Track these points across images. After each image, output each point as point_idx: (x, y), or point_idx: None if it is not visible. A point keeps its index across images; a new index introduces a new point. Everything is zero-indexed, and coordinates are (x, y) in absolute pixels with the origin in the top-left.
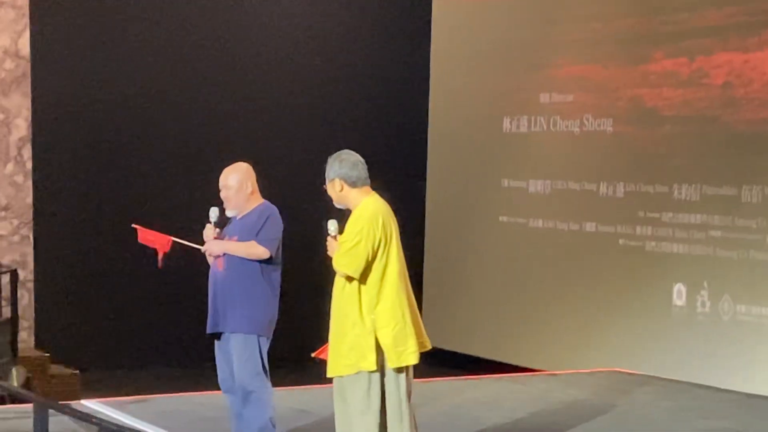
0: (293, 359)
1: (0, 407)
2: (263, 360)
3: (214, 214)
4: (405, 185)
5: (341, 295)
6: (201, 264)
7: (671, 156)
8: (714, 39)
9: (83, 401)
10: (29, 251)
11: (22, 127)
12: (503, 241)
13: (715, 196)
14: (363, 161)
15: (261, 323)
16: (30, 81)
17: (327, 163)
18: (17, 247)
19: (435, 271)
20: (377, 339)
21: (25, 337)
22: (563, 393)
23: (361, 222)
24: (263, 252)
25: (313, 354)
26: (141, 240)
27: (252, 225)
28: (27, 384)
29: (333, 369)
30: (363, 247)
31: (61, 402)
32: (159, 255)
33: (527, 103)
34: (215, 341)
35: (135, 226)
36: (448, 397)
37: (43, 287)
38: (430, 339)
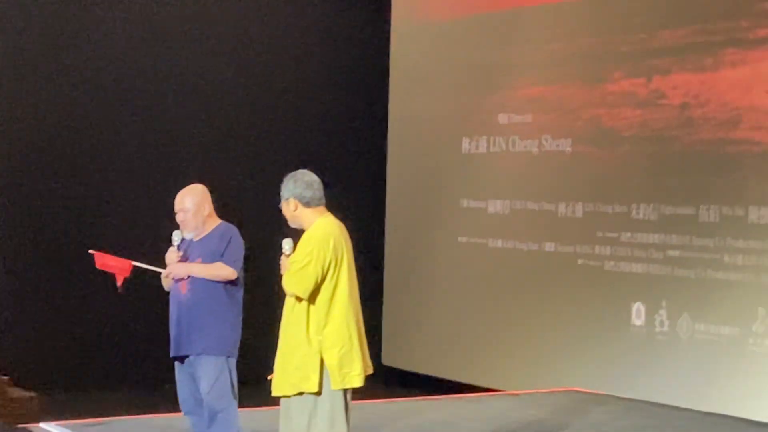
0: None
1: None
2: (232, 380)
3: (177, 237)
4: (364, 205)
5: (290, 315)
6: (161, 287)
7: (629, 176)
8: (671, 59)
9: (42, 424)
10: None
11: None
12: (462, 261)
13: (673, 215)
14: (319, 181)
15: (229, 344)
16: None
17: (282, 183)
18: None
19: (394, 292)
20: (323, 360)
21: None
22: (522, 413)
23: (312, 243)
24: (231, 273)
25: (269, 376)
26: (99, 266)
27: (215, 246)
28: None
29: (278, 388)
30: (312, 268)
31: (21, 425)
32: (118, 280)
33: (486, 124)
34: (176, 363)
35: (92, 251)
36: (407, 418)
37: (2, 309)
38: (389, 358)
